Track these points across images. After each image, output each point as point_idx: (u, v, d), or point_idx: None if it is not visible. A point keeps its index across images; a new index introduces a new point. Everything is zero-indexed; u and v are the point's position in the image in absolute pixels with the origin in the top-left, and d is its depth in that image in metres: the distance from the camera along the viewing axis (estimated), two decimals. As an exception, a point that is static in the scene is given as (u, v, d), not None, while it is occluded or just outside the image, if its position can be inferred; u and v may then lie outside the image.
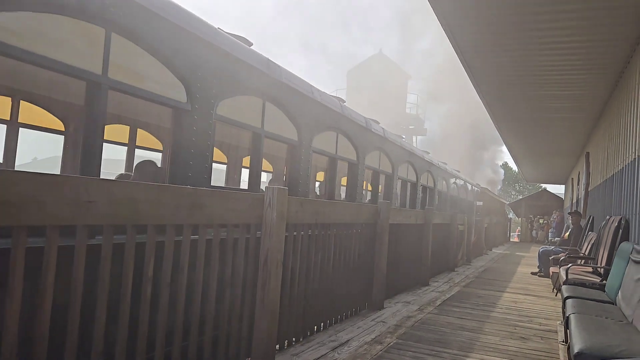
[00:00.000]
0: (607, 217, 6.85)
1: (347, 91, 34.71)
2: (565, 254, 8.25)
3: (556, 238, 15.40)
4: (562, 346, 4.44)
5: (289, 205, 3.50)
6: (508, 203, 31.20)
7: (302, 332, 4.14)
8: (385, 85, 31.67)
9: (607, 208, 7.77)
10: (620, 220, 5.84)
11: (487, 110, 10.12)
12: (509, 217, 28.52)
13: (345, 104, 7.26)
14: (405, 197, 10.55)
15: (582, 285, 5.38)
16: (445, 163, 14.87)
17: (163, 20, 3.49)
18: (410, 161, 10.47)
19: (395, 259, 6.46)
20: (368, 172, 8.27)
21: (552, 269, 8.21)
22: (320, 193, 9.50)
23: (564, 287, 5.10)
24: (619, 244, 5.38)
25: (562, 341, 4.59)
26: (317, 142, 6.05)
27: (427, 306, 5.99)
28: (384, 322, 5.00)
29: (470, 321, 5.26)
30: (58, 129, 5.83)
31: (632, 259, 4.38)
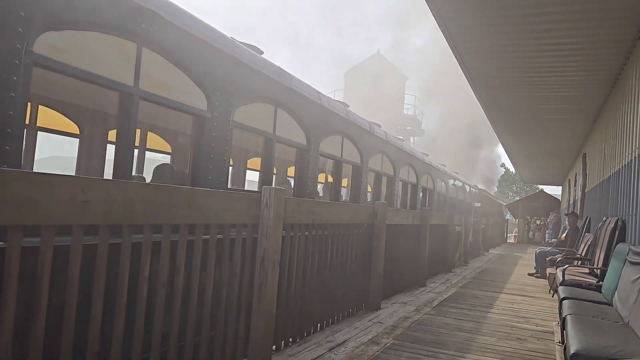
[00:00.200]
0: (604, 219, 6.86)
1: (344, 92, 34.76)
2: (562, 255, 8.26)
3: (553, 239, 15.42)
4: (559, 347, 4.45)
5: (285, 206, 3.50)
6: (505, 204, 31.26)
7: (298, 332, 4.13)
8: (383, 86, 31.73)
9: (603, 209, 7.79)
10: (617, 221, 5.86)
11: (484, 111, 10.14)
12: (506, 219, 28.55)
13: (350, 109, 7.48)
14: (406, 198, 10.73)
15: (579, 286, 5.38)
16: (444, 165, 15.01)
17: (186, 34, 3.77)
18: (411, 163, 10.69)
19: (393, 259, 6.47)
20: (371, 174, 8.47)
21: (548, 270, 8.22)
22: (323, 195, 9.56)
23: (560, 288, 5.10)
24: (616, 245, 5.39)
25: (559, 342, 4.60)
26: (324, 146, 6.29)
27: (424, 307, 5.99)
28: (380, 322, 5.00)
29: (467, 322, 5.27)
30: (73, 132, 6.05)
31: (628, 260, 4.39)
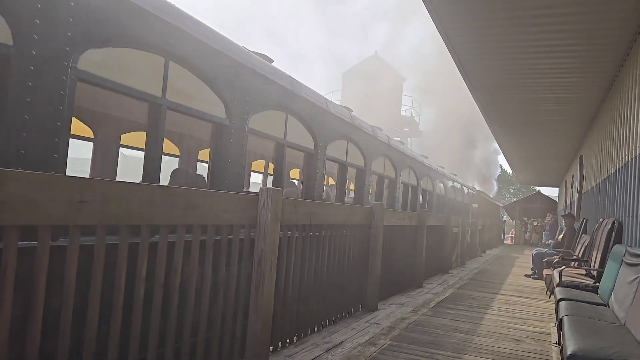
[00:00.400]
0: (601, 220, 6.88)
1: (342, 93, 34.75)
2: (558, 256, 8.28)
3: (550, 240, 15.44)
4: (556, 348, 4.46)
5: (283, 206, 3.50)
6: (502, 205, 31.31)
7: (296, 333, 4.13)
8: (380, 87, 31.74)
9: (600, 210, 7.81)
10: (614, 222, 5.87)
11: (481, 112, 10.16)
12: (503, 220, 28.60)
13: (354, 113, 7.70)
14: (407, 200, 10.94)
15: (576, 287, 5.39)
16: (443, 167, 15.16)
17: (208, 47, 3.98)
18: (412, 166, 10.93)
19: (390, 260, 6.47)
20: (373, 176, 8.67)
21: (545, 271, 8.24)
22: (327, 196, 9.62)
23: (557, 290, 5.12)
24: (612, 247, 5.41)
25: (556, 343, 4.60)
26: (330, 150, 6.51)
27: (421, 308, 5.99)
28: (377, 323, 5.00)
29: (464, 323, 5.27)
30: (88, 136, 6.17)
31: (625, 262, 4.40)
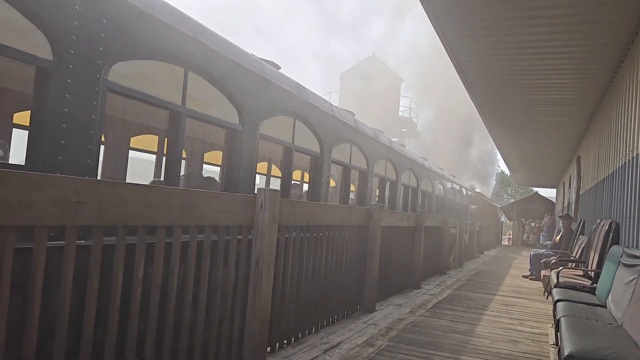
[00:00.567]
0: (598, 221, 6.90)
1: (339, 94, 34.74)
2: (556, 257, 8.29)
3: (547, 241, 15.47)
4: (553, 349, 4.46)
5: (280, 207, 3.49)
6: (500, 206, 31.35)
7: (293, 334, 4.12)
8: (378, 88, 31.75)
9: (597, 212, 7.82)
10: (611, 223, 5.89)
11: (479, 113, 10.18)
12: (501, 221, 28.64)
13: (356, 117, 7.91)
14: (407, 201, 11.15)
15: (573, 288, 5.40)
16: (442, 169, 15.28)
17: (222, 57, 4.19)
18: (412, 168, 11.18)
19: (388, 261, 6.47)
20: (375, 178, 8.85)
21: (543, 272, 8.25)
22: (332, 198, 9.71)
23: (554, 290, 5.12)
24: (610, 248, 5.42)
25: (553, 344, 4.61)
26: (334, 153, 6.80)
27: (419, 309, 5.99)
28: (375, 324, 5.00)
29: (461, 324, 5.27)
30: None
31: (622, 263, 4.41)
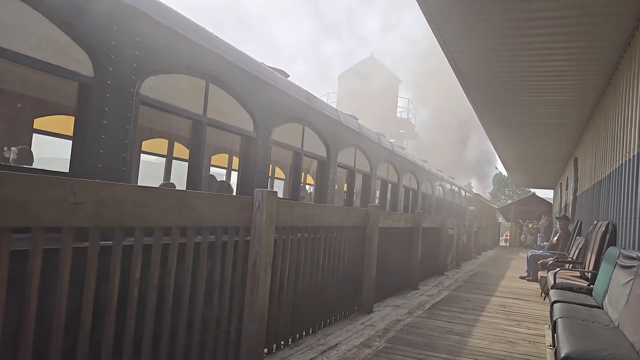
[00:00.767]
0: (595, 222, 6.91)
1: (338, 95, 34.75)
2: (553, 259, 8.31)
3: (544, 242, 15.51)
4: (550, 350, 4.47)
5: (278, 208, 3.49)
6: (498, 207, 31.41)
7: (291, 335, 4.12)
8: (376, 89, 31.78)
9: (594, 213, 7.84)
10: (608, 225, 5.90)
11: (476, 114, 10.19)
12: (498, 222, 28.70)
13: (359, 121, 8.12)
14: (408, 203, 11.34)
15: (570, 289, 5.41)
16: (441, 171, 15.40)
17: (239, 69, 4.47)
18: (412, 171, 11.41)
19: (385, 262, 6.48)
20: (378, 181, 9.03)
21: (540, 273, 8.27)
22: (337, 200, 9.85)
23: (551, 292, 5.14)
24: (606, 249, 5.44)
25: (550, 345, 4.62)
26: (340, 158, 7.01)
27: (416, 310, 6.00)
28: (373, 325, 5.00)
29: (459, 325, 5.28)
30: None
31: (619, 264, 4.42)
